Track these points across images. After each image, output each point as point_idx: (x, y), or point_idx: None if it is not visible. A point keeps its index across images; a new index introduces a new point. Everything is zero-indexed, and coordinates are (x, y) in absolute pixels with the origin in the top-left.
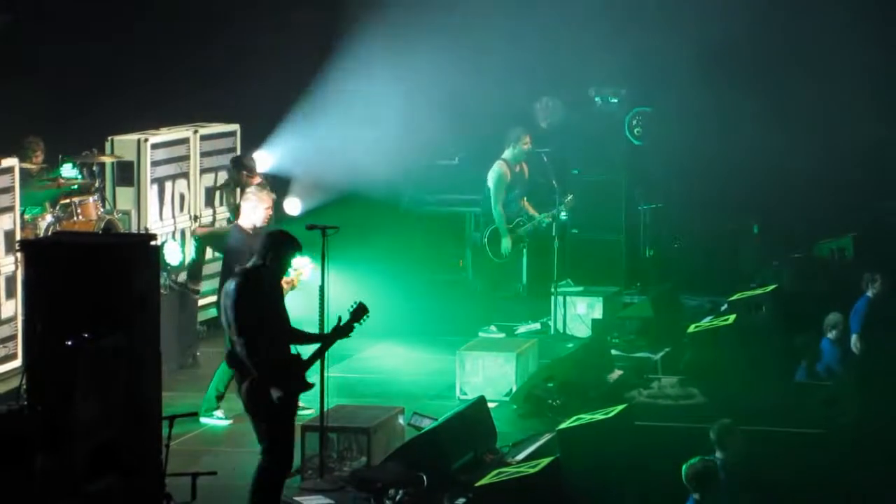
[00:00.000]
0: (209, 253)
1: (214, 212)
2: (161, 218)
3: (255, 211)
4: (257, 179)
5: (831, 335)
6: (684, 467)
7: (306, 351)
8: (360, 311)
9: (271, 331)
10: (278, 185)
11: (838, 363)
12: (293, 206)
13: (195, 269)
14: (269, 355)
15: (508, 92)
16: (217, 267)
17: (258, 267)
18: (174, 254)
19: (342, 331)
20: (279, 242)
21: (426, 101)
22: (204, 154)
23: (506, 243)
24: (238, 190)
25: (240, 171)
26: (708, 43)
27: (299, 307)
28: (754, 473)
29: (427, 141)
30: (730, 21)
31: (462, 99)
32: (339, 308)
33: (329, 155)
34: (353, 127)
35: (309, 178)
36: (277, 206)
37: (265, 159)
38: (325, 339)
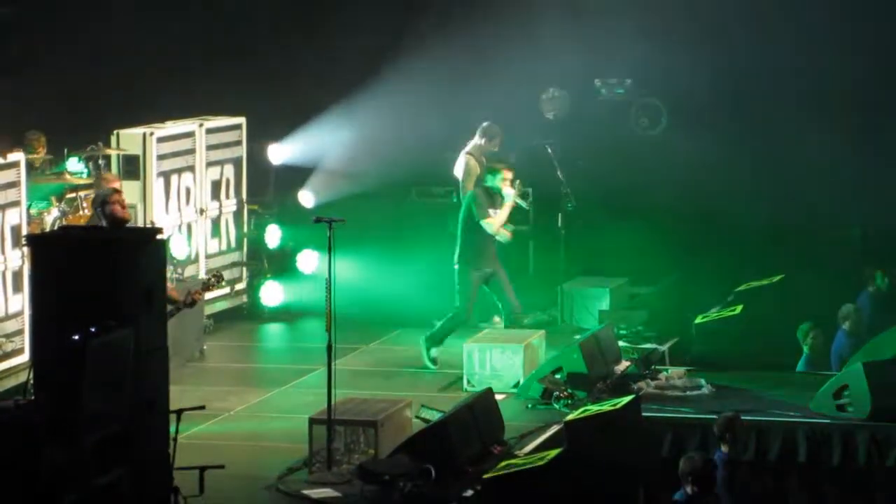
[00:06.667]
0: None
1: (220, 205)
2: (167, 211)
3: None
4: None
5: (845, 326)
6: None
7: None
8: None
9: None
10: (294, 177)
11: (851, 354)
12: (307, 198)
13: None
14: None
15: (513, 83)
16: (232, 258)
17: None
18: (180, 247)
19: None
20: None
21: (431, 94)
22: (210, 147)
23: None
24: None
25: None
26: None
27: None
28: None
29: (433, 133)
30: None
31: (467, 90)
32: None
33: (340, 148)
34: (361, 119)
35: (324, 172)
36: (293, 198)
37: (280, 151)
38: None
